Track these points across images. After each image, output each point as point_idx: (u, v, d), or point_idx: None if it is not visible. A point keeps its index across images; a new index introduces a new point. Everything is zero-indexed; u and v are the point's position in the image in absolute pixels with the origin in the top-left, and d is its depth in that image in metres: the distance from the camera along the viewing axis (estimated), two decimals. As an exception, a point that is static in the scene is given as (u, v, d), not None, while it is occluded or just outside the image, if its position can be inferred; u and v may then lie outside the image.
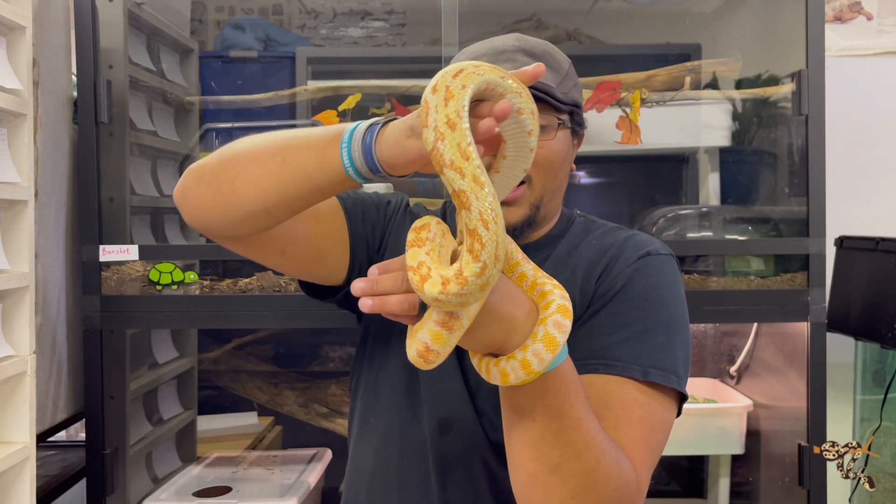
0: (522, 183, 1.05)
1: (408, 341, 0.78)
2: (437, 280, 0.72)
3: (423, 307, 0.77)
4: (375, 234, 1.17)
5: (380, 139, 0.85)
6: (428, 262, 0.74)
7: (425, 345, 0.76)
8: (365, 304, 0.76)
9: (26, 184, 1.39)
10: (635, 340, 0.99)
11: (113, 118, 1.76)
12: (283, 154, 0.92)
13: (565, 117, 1.08)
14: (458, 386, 1.10)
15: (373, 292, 0.76)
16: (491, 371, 0.81)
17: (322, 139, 0.90)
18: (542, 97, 1.04)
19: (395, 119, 0.86)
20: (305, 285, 1.18)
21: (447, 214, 1.23)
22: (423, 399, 1.12)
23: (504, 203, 1.03)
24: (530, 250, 1.13)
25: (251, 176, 0.93)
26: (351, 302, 1.19)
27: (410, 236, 0.78)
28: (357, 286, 0.76)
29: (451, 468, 1.09)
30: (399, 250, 1.16)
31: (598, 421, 0.89)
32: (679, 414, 1.04)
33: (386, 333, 1.16)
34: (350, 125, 0.88)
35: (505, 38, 1.10)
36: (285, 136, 0.94)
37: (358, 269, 1.14)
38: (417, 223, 0.80)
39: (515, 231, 1.09)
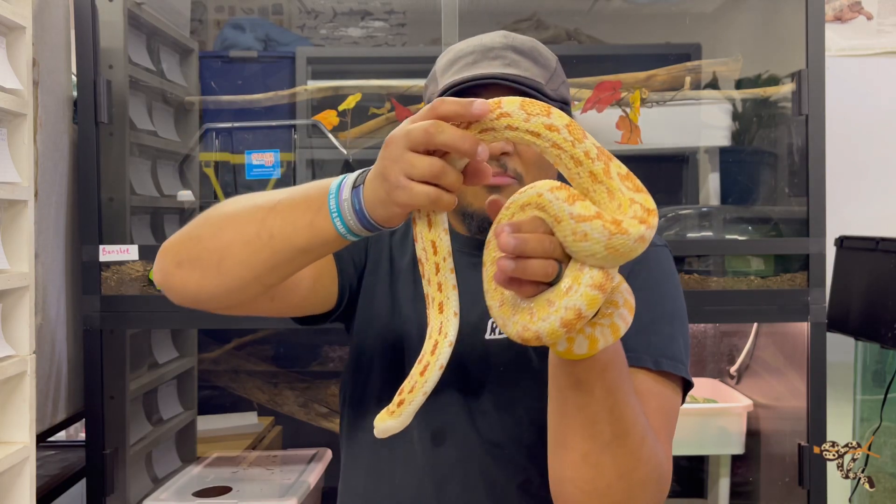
0: (513, 179, 1.06)
1: (533, 315, 0.74)
2: (632, 221, 0.70)
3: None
4: (360, 251, 1.17)
5: (369, 205, 0.83)
6: (602, 211, 0.72)
7: (578, 312, 0.72)
8: (506, 269, 0.73)
9: (26, 184, 1.39)
10: (644, 332, 1.00)
11: (113, 118, 1.76)
12: (268, 232, 0.90)
13: None
14: (453, 394, 1.09)
15: (522, 252, 0.72)
16: (576, 340, 0.78)
17: (306, 210, 0.87)
18: (532, 94, 1.04)
19: (365, 173, 0.85)
20: (296, 318, 1.17)
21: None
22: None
23: (494, 188, 1.04)
24: None
25: (240, 256, 0.91)
26: (344, 317, 1.19)
27: (563, 194, 0.73)
28: (509, 243, 0.72)
29: (448, 479, 1.08)
30: (380, 260, 1.17)
31: None
32: (683, 401, 1.06)
33: (370, 347, 1.15)
34: (330, 188, 0.86)
35: (492, 35, 1.10)
36: (263, 210, 0.91)
37: (348, 289, 1.14)
38: (555, 182, 0.75)
39: None
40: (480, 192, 1.07)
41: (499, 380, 1.08)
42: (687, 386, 1.05)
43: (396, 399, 0.82)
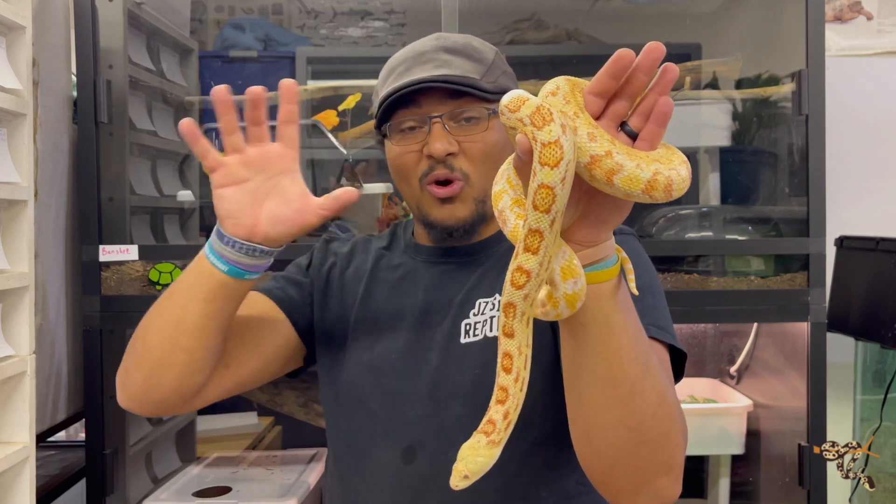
0: (460, 180, 1.08)
1: (664, 165, 0.71)
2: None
3: None
4: (306, 295, 1.20)
5: (221, 225, 0.98)
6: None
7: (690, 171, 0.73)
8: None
9: (26, 184, 1.39)
10: None
11: (113, 118, 1.76)
12: (167, 297, 1.03)
13: (495, 106, 1.09)
14: (424, 407, 1.08)
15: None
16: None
17: (192, 268, 1.01)
18: (467, 90, 1.06)
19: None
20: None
21: (397, 232, 1.26)
22: (381, 430, 1.10)
23: (447, 200, 1.08)
24: (488, 246, 1.15)
25: (155, 328, 1.02)
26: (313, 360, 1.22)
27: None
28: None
29: (423, 495, 1.06)
30: (329, 293, 1.19)
31: None
32: (682, 374, 1.04)
33: (351, 366, 1.15)
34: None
35: (425, 39, 1.13)
36: (165, 295, 1.04)
37: (310, 331, 1.18)
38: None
39: (466, 227, 1.11)
40: (435, 204, 1.10)
41: (474, 382, 1.07)
42: (678, 354, 1.02)
43: (502, 425, 0.75)
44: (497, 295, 1.10)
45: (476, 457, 0.74)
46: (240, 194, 0.97)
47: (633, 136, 0.73)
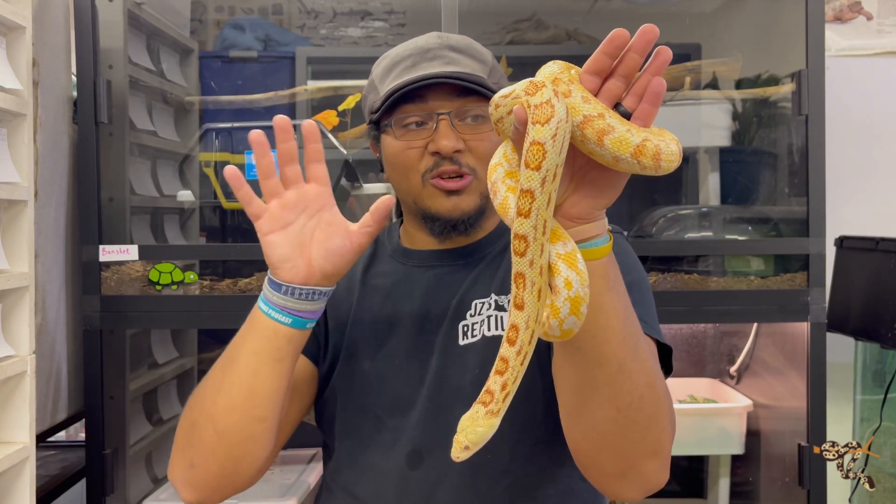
0: (469, 175, 1.08)
1: (655, 135, 0.74)
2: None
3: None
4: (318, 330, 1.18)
5: (274, 269, 0.96)
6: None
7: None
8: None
9: (26, 184, 1.39)
10: None
11: (113, 118, 1.76)
12: (228, 370, 0.98)
13: None
14: (427, 410, 1.08)
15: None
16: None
17: (246, 328, 0.99)
18: (478, 89, 1.06)
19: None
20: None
21: (381, 238, 1.24)
22: (386, 437, 1.10)
23: (453, 192, 1.08)
24: (481, 248, 1.15)
25: (224, 409, 0.98)
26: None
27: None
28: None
29: (431, 499, 1.06)
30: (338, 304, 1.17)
31: None
32: (671, 368, 1.04)
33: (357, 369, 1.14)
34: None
35: (427, 36, 1.12)
36: (222, 356, 1.00)
37: (325, 357, 1.16)
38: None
39: (470, 221, 1.11)
40: (439, 196, 1.09)
41: (475, 383, 1.06)
42: (664, 350, 1.02)
43: (500, 395, 0.74)
44: (493, 295, 1.10)
45: (476, 427, 0.74)
46: (288, 237, 0.96)
47: (627, 117, 0.74)
